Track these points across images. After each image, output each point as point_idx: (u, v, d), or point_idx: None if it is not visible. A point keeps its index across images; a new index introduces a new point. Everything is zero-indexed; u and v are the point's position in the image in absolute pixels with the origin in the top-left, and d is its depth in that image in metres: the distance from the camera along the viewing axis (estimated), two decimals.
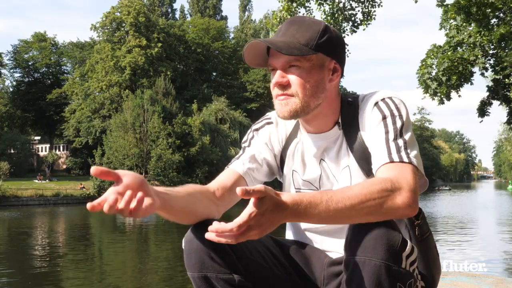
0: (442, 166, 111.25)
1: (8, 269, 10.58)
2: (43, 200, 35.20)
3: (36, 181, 40.28)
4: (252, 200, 1.00)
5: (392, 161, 1.25)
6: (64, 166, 53.24)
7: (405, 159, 1.24)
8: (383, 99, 1.36)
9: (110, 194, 1.03)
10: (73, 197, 36.16)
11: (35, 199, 34.81)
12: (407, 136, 1.30)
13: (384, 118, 1.33)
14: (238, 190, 0.96)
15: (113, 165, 38.67)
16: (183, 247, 1.29)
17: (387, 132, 1.30)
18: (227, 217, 1.35)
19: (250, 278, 1.30)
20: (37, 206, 33.25)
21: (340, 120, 1.42)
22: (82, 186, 37.96)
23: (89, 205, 1.00)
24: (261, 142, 1.52)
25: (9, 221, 23.56)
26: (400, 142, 1.28)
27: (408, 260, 1.17)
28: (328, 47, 1.35)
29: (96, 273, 10.31)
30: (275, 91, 1.37)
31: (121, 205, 1.02)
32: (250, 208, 1.00)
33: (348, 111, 1.41)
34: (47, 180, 41.28)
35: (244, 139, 1.56)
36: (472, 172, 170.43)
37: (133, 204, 1.03)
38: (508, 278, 5.58)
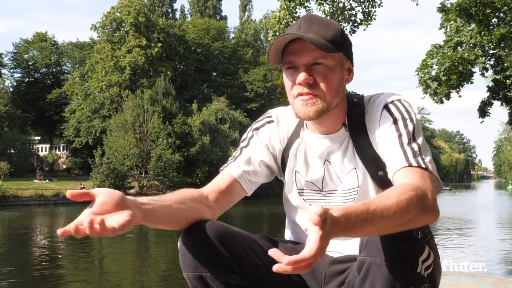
0: (442, 166, 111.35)
1: (8, 270, 10.57)
2: (43, 200, 35.19)
3: (36, 181, 40.30)
4: (315, 223, 0.92)
5: (410, 165, 1.24)
6: (64, 166, 53.25)
7: (423, 165, 1.23)
8: (392, 102, 1.35)
9: (83, 217, 1.03)
10: None
11: (35, 199, 34.81)
12: (419, 140, 1.29)
13: (395, 121, 1.32)
14: (314, 218, 0.91)
15: (113, 165, 38.64)
16: (178, 248, 1.28)
17: (400, 136, 1.29)
18: (225, 218, 1.34)
19: (246, 277, 1.29)
20: (37, 206, 33.24)
21: (347, 122, 1.40)
22: (82, 186, 37.91)
23: (59, 231, 0.99)
24: (260, 143, 1.49)
25: (9, 221, 23.55)
26: (415, 146, 1.27)
27: (424, 264, 1.16)
28: (346, 47, 1.36)
29: (96, 273, 10.31)
30: (297, 90, 1.32)
31: (85, 227, 1.00)
32: (318, 232, 0.92)
33: (354, 112, 1.40)
34: (47, 180, 41.29)
35: (243, 137, 1.53)
36: (472, 172, 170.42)
37: (97, 226, 1.00)
38: (508, 278, 5.58)
